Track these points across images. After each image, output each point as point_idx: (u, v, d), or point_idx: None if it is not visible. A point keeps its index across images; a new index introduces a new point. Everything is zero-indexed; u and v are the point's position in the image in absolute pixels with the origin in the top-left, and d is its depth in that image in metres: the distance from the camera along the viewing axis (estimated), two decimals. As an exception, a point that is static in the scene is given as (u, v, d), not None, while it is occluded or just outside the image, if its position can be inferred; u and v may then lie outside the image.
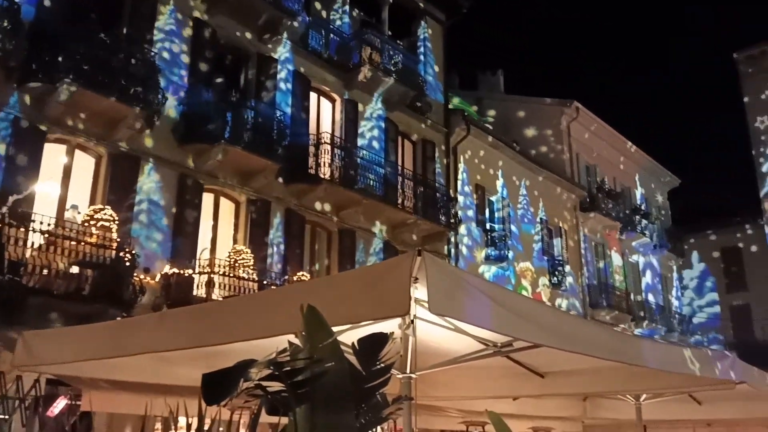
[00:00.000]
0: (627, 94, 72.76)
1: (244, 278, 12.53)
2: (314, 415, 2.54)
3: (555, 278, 22.54)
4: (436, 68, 20.02)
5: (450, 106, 20.41)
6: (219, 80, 13.97)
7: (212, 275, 12.28)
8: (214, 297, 11.96)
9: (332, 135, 15.66)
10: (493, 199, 21.23)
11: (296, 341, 2.81)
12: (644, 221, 28.56)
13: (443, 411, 8.23)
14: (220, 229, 13.79)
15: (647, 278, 29.15)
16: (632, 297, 26.68)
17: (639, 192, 30.66)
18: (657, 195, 32.78)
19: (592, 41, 75.20)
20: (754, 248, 31.53)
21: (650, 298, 28.58)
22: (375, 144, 17.00)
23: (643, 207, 29.65)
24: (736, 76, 31.66)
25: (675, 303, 31.28)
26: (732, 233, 32.75)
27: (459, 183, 19.49)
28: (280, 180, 14.33)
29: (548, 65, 71.41)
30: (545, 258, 22.60)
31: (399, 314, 3.15)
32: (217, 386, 2.43)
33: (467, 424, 8.81)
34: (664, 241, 30.30)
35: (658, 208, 32.39)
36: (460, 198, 19.33)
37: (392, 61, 17.52)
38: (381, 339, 2.90)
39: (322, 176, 14.85)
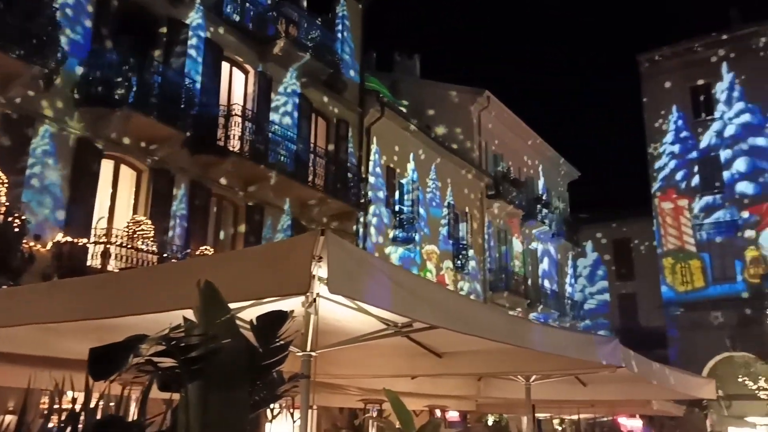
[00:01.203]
0: (536, 87, 75.23)
1: (142, 250, 12.10)
2: (207, 391, 2.50)
3: (459, 261, 23.17)
4: (354, 47, 19.93)
5: (366, 87, 20.40)
6: (125, 42, 13.28)
7: (108, 245, 11.78)
8: (109, 268, 11.49)
9: (243, 107, 15.30)
10: (403, 181, 21.49)
11: (193, 317, 2.75)
12: (545, 210, 29.82)
13: (343, 389, 8.32)
14: (119, 198, 13.21)
15: (544, 265, 30.49)
16: (530, 282, 27.86)
17: (541, 182, 31.91)
18: (558, 186, 34.27)
19: (505, 33, 77.06)
20: (642, 241, 33.59)
21: (546, 283, 29.94)
22: (288, 119, 16.76)
23: (544, 197, 30.93)
24: (638, 76, 33.34)
25: (569, 289, 32.94)
26: (624, 226, 34.76)
27: (371, 164, 19.58)
28: (186, 150, 13.86)
29: (463, 53, 72.60)
30: (450, 242, 23.16)
31: (299, 292, 3.14)
32: (105, 361, 2.35)
33: (365, 402, 8.95)
34: (561, 230, 31.75)
35: (559, 198, 33.88)
36: (371, 179, 19.44)
37: (309, 37, 17.29)
38: (280, 316, 2.88)
39: (230, 149, 14.50)
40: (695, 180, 30.82)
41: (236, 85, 16.08)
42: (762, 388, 16.64)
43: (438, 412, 10.30)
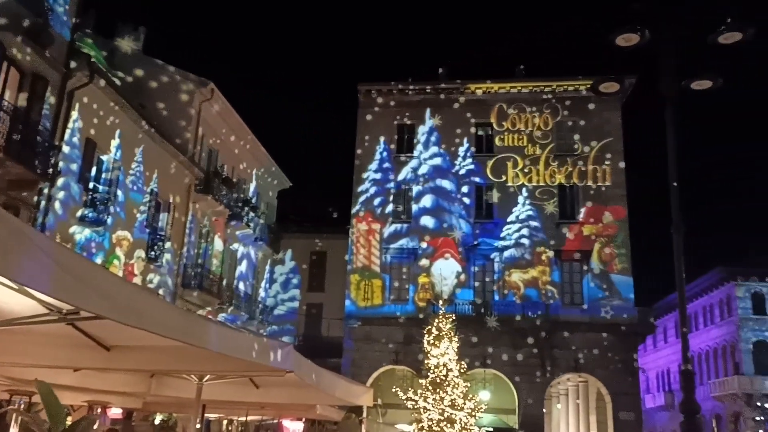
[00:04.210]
0: (263, 91, 76.08)
1: None
2: None
3: (153, 253, 22.06)
4: (70, 1, 17.88)
5: (76, 47, 18.40)
6: None
7: None
8: None
9: None
10: (104, 158, 19.80)
11: None
12: (252, 214, 30.06)
13: (-15, 378, 7.28)
14: None
15: (242, 267, 30.67)
16: (225, 282, 27.72)
17: (253, 186, 32.18)
18: (268, 192, 34.89)
19: (242, 32, 76.75)
20: (337, 257, 35.80)
21: (241, 286, 30.11)
22: (-29, 61, 14.32)
23: (254, 200, 31.20)
24: (357, 103, 35.65)
25: (262, 294, 33.59)
26: (323, 240, 36.72)
27: (68, 132, 17.61)
28: None
29: (195, 40, 70.23)
30: (147, 231, 21.97)
31: None
32: None
33: (11, 393, 7.96)
34: (265, 236, 32.33)
35: (267, 204, 34.50)
36: (66, 148, 17.49)
37: (16, -26, 15.07)
38: None
39: None
40: (389, 208, 33.95)
41: None
42: (409, 399, 18.85)
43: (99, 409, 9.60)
